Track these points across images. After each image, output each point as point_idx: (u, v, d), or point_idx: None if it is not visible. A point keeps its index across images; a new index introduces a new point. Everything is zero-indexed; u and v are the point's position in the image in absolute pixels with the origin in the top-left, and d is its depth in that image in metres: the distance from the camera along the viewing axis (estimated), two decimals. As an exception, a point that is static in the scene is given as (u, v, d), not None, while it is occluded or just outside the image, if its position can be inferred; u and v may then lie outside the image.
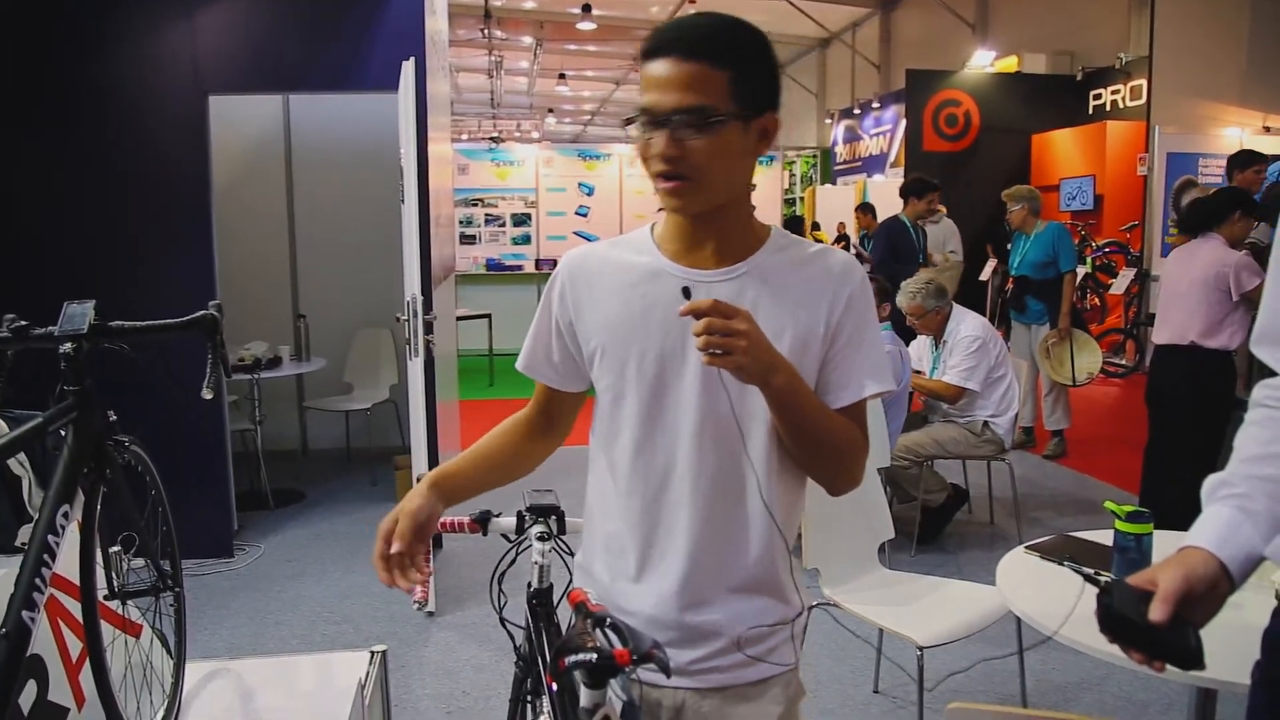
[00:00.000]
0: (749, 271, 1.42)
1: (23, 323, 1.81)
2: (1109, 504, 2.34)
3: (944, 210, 7.93)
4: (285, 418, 6.74)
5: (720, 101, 1.29)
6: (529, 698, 1.76)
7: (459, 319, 7.02)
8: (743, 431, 1.40)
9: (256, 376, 5.55)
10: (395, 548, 1.47)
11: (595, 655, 1.07)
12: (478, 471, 1.59)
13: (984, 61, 12.64)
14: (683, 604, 1.44)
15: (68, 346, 1.77)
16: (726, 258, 1.42)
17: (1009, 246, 7.18)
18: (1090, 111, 11.25)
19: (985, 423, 4.73)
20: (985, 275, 10.22)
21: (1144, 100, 10.16)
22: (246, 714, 2.24)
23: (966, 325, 4.78)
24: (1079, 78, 11.51)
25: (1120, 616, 1.14)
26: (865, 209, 11.29)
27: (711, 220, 1.41)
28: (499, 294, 11.58)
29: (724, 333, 1.21)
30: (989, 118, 11.57)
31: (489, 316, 10.10)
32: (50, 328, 1.79)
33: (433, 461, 4.21)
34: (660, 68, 1.31)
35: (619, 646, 1.09)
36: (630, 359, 1.44)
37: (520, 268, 12.37)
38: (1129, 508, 2.26)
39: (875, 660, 3.51)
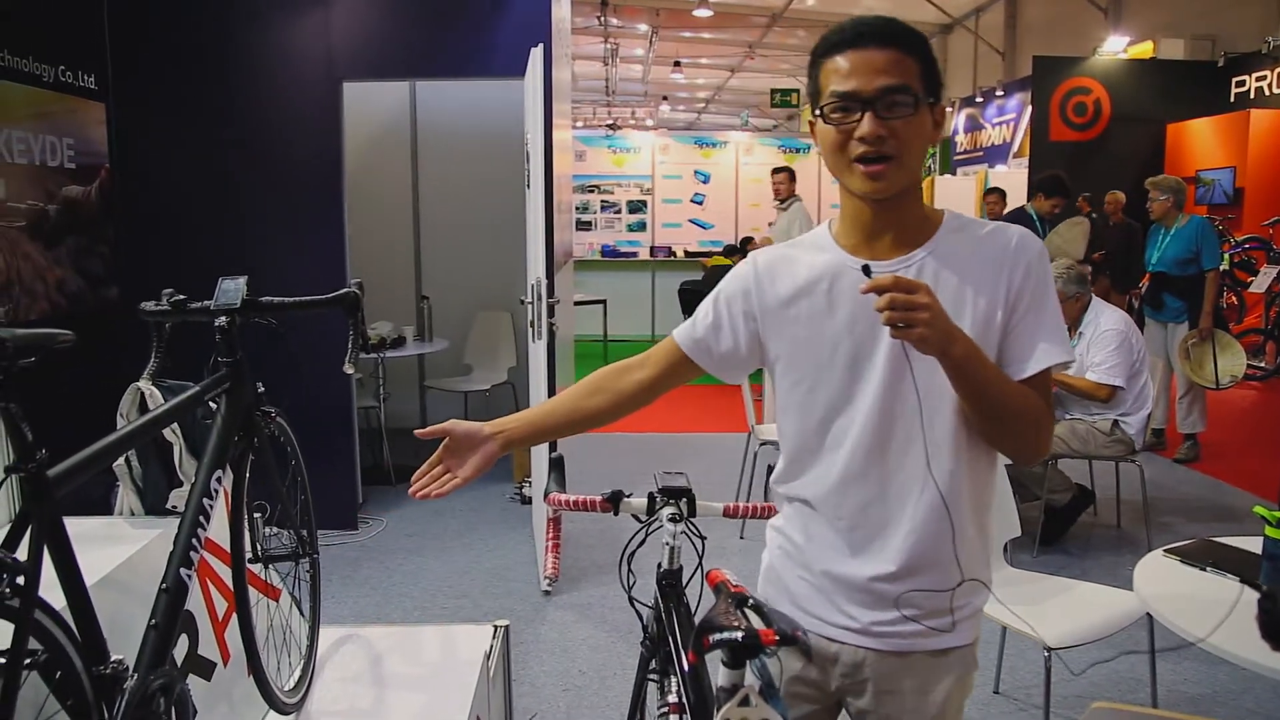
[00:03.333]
0: (928, 256, 1.46)
1: (180, 296, 1.90)
2: (1259, 509, 2.22)
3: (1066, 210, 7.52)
4: (407, 396, 6.93)
5: (916, 85, 1.38)
6: (655, 677, 1.77)
7: (575, 304, 7.09)
8: (924, 411, 1.44)
9: (382, 356, 5.72)
10: (420, 432, 1.66)
11: (741, 634, 1.07)
12: (548, 420, 1.70)
13: (1116, 47, 12.13)
14: (877, 571, 1.49)
15: (222, 320, 1.85)
16: (904, 245, 1.47)
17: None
18: (1232, 99, 10.69)
19: (1116, 421, 4.54)
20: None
21: (1294, 87, 9.62)
22: (376, 678, 2.32)
23: (1107, 318, 4.55)
24: (1220, 63, 10.95)
25: None
26: (995, 193, 10.79)
27: (892, 208, 1.45)
28: (614, 280, 11.66)
29: (906, 306, 1.26)
30: (1121, 106, 11.10)
31: (604, 302, 10.18)
32: (206, 302, 1.88)
33: (551, 442, 4.26)
34: (858, 56, 1.38)
35: (763, 627, 1.09)
36: (823, 350, 1.49)
37: (635, 254, 12.43)
38: (1280, 514, 2.15)
39: (996, 660, 3.42)
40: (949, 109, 17.32)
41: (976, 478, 1.51)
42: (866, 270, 1.33)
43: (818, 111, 1.43)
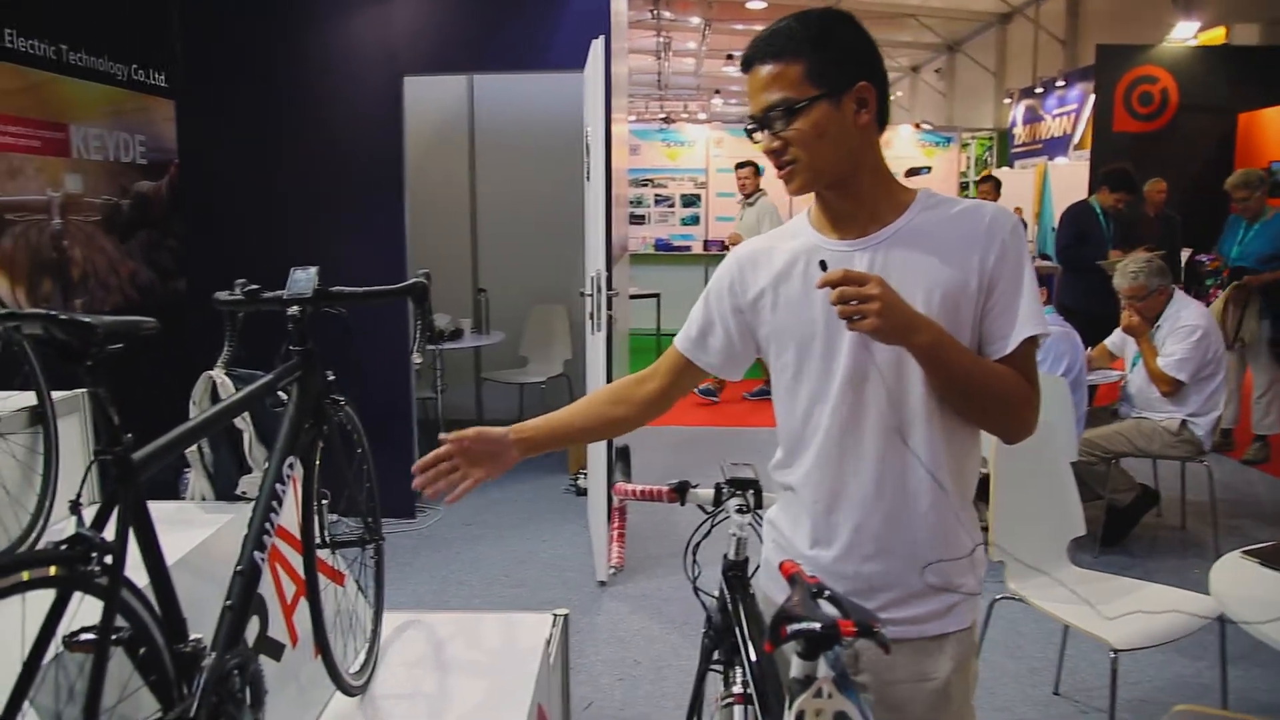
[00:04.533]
0: (894, 235, 1.49)
1: (254, 286, 1.94)
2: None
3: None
4: (463, 388, 7.00)
5: (798, 90, 1.43)
6: (718, 667, 1.77)
7: (630, 298, 7.11)
8: (893, 391, 1.47)
9: (440, 347, 5.78)
10: (442, 435, 1.70)
11: (819, 626, 1.07)
12: (563, 428, 1.78)
13: (1186, 34, 11.80)
14: (858, 556, 1.52)
15: (294, 309, 1.88)
16: (871, 225, 1.51)
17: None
18: (1311, 86, 10.34)
19: (1184, 421, 4.44)
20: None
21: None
22: (439, 663, 2.35)
23: (1189, 313, 4.45)
24: (1299, 49, 10.61)
25: None
26: (989, 181, 10.29)
27: (844, 193, 1.51)
28: (667, 274, 11.64)
29: (857, 299, 1.31)
30: (1189, 95, 10.79)
31: (658, 296, 10.17)
32: (278, 292, 1.91)
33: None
34: (750, 79, 1.49)
35: (840, 618, 1.09)
36: (803, 334, 1.54)
37: (689, 248, 12.41)
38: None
39: (1057, 661, 3.38)
40: (1006, 100, 17.08)
41: (958, 452, 1.52)
42: (823, 265, 1.36)
43: (747, 131, 1.55)
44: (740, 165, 8.05)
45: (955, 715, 1.55)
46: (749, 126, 1.52)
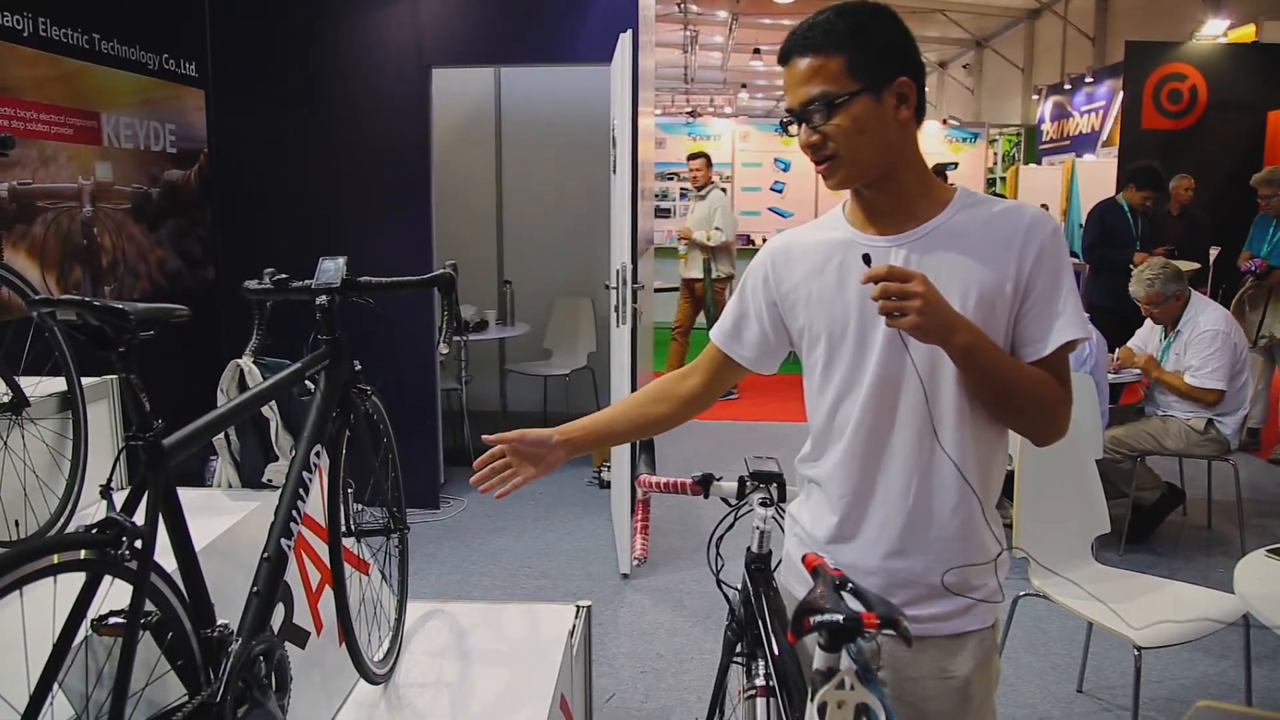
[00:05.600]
0: (931, 232, 1.48)
1: (282, 276, 1.94)
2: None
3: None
4: (487, 380, 7.02)
5: (838, 84, 1.41)
6: (740, 660, 1.77)
7: (655, 291, 7.10)
8: (927, 389, 1.45)
9: (465, 339, 5.80)
10: (488, 438, 1.76)
11: (842, 617, 1.07)
12: (603, 431, 1.76)
13: (1216, 31, 11.67)
14: (883, 551, 1.52)
15: (323, 298, 1.89)
16: (908, 222, 1.49)
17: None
18: (1341, 85, 10.21)
19: (1211, 420, 4.39)
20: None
21: None
22: (462, 653, 2.36)
23: (1206, 317, 4.39)
24: (1329, 48, 10.47)
25: None
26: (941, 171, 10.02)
27: (882, 189, 1.49)
28: (691, 268, 11.62)
29: (899, 295, 1.30)
30: (1219, 93, 10.66)
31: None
32: (307, 281, 1.92)
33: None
34: (789, 72, 1.47)
35: (864, 610, 1.09)
36: (835, 328, 1.53)
37: (713, 242, 12.37)
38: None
39: (1081, 658, 3.35)
40: (1034, 96, 16.94)
41: (986, 453, 1.51)
42: (866, 259, 1.36)
43: (782, 124, 1.52)
44: (692, 156, 8.06)
45: (975, 713, 1.54)
46: (785, 120, 1.49)
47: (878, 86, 1.42)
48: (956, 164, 12.73)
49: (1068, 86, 14.94)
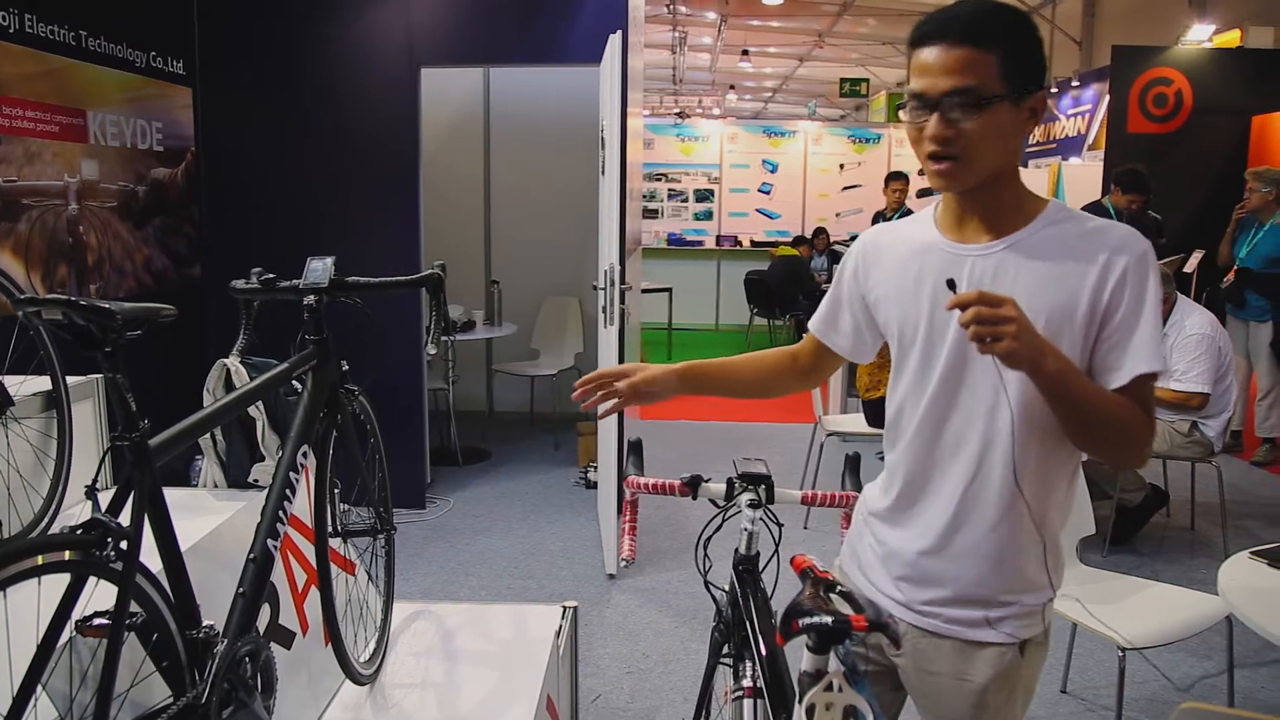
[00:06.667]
0: (1013, 245, 1.44)
1: (270, 275, 1.94)
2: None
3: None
4: (475, 380, 7.02)
5: (990, 83, 1.35)
6: (727, 661, 1.77)
7: (642, 292, 7.11)
8: (1005, 407, 1.43)
9: (452, 339, 5.79)
10: (601, 371, 1.79)
11: (831, 619, 1.07)
12: (725, 375, 1.81)
13: (1201, 36, 11.74)
14: (920, 547, 1.54)
15: (310, 298, 1.88)
16: (993, 231, 1.46)
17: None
18: (1325, 91, 10.28)
19: (1195, 423, 4.42)
20: (1190, 267, 9.53)
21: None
22: (448, 654, 2.36)
23: (1193, 321, 4.40)
24: (1313, 53, 10.54)
25: None
26: (899, 179, 9.50)
27: (979, 195, 1.45)
28: (679, 268, 11.65)
29: (992, 321, 1.25)
30: (1203, 98, 10.72)
31: (669, 290, 10.18)
32: (295, 281, 1.91)
33: (621, 428, 4.29)
34: (930, 54, 1.37)
35: (852, 613, 1.09)
36: (906, 327, 1.54)
37: (701, 243, 12.41)
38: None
39: (1065, 659, 3.37)
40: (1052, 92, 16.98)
41: (1047, 477, 1.48)
42: (951, 285, 1.30)
43: (900, 104, 1.47)
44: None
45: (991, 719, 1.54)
46: (911, 103, 1.40)
47: (1021, 94, 1.37)
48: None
49: (1054, 90, 15.00)
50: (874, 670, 1.64)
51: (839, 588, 1.18)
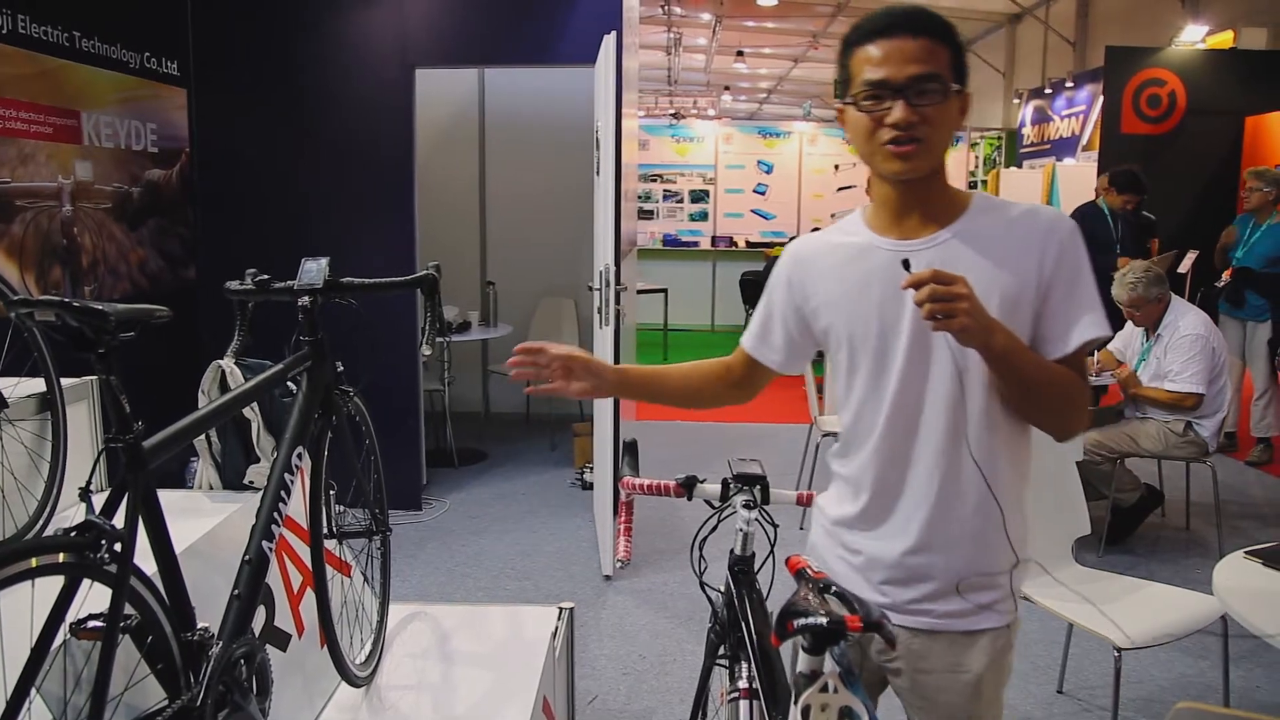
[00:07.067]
0: (954, 236, 1.49)
1: (264, 276, 1.93)
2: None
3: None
4: (470, 381, 7.01)
5: (947, 73, 1.43)
6: (723, 662, 1.77)
7: (637, 293, 7.11)
8: (957, 390, 1.48)
9: (448, 340, 5.78)
10: (538, 344, 1.73)
11: (826, 620, 1.07)
12: (657, 382, 1.81)
13: (1194, 37, 11.76)
14: (904, 546, 1.54)
15: (305, 300, 1.88)
16: (930, 225, 1.51)
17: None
18: (1318, 91, 10.30)
19: (1189, 423, 4.42)
20: (1185, 268, 9.56)
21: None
22: (444, 655, 2.36)
23: (1187, 321, 4.41)
24: (1307, 54, 10.57)
25: None
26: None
27: (919, 189, 1.50)
28: (675, 269, 11.66)
29: (946, 298, 1.30)
30: (1197, 99, 10.74)
31: (665, 291, 10.18)
32: (289, 282, 1.91)
33: (617, 428, 4.29)
34: (890, 44, 1.43)
35: (848, 613, 1.09)
36: (857, 331, 1.54)
37: (696, 244, 12.41)
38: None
39: (1061, 659, 3.37)
40: (1015, 100, 17.02)
41: (1014, 456, 1.54)
42: (906, 265, 1.34)
43: (849, 99, 1.47)
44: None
45: (985, 706, 1.58)
46: (868, 93, 1.43)
47: (960, 90, 1.45)
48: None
49: (1048, 91, 15.02)
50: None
51: (834, 588, 1.18)
